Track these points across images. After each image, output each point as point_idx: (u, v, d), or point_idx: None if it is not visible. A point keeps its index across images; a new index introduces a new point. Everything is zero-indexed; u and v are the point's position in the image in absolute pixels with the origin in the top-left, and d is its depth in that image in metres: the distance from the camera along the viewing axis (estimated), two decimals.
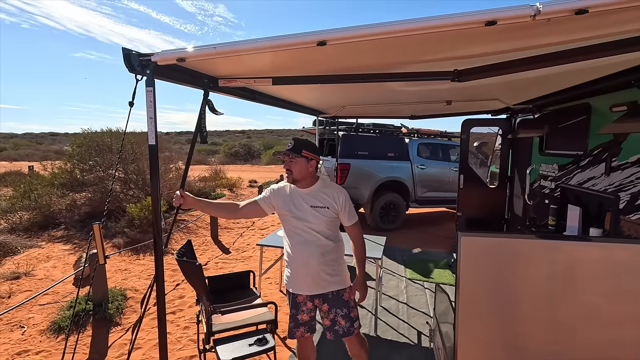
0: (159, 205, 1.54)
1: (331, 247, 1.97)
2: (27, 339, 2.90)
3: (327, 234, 1.95)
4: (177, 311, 3.43)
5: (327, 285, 1.97)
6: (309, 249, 1.91)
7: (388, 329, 3.21)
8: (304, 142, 1.89)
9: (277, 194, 2.01)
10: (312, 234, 1.91)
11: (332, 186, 2.00)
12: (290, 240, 1.98)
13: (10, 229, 6.29)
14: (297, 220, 1.91)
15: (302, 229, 1.91)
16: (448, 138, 7.66)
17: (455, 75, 1.54)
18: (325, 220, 1.92)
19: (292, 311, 2.06)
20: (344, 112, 4.55)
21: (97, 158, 6.74)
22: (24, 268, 4.13)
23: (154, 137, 1.36)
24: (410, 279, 4.36)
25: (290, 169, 1.88)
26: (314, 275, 1.94)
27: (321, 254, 1.92)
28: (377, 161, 6.59)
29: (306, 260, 1.92)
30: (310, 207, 1.90)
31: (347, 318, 2.01)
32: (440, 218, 7.91)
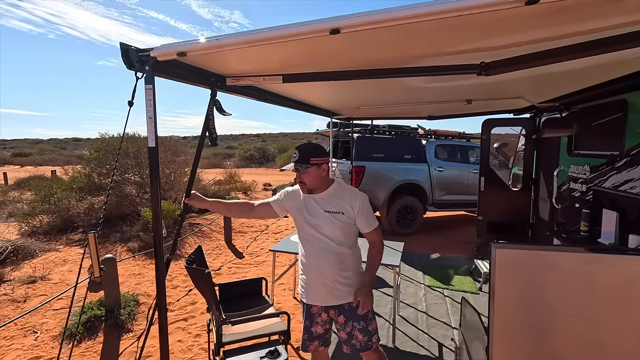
0: (160, 210, 1.45)
1: (347, 255, 1.85)
2: (39, 345, 2.87)
3: (341, 241, 1.82)
4: (188, 318, 3.36)
5: (343, 296, 1.85)
6: (323, 257, 1.79)
7: (407, 339, 3.05)
8: (309, 148, 1.79)
9: (290, 197, 1.92)
10: (326, 241, 1.79)
11: (348, 190, 1.87)
12: (304, 247, 1.87)
13: (30, 232, 6.41)
14: (310, 226, 1.81)
15: (316, 235, 1.80)
16: (467, 139, 7.42)
17: (482, 69, 1.40)
18: (341, 227, 1.79)
19: (306, 322, 1.94)
20: (359, 114, 4.42)
21: (112, 162, 6.81)
22: (40, 272, 4.16)
23: (154, 138, 1.28)
24: (429, 286, 4.17)
25: (302, 181, 1.78)
26: (329, 285, 1.82)
27: (336, 262, 1.80)
28: (393, 163, 6.41)
29: (321, 269, 1.81)
30: (324, 212, 1.79)
31: (365, 332, 1.87)
32: (459, 222, 7.65)
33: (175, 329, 3.16)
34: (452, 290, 4.04)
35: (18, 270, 4.35)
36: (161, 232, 1.51)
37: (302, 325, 1.96)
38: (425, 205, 6.58)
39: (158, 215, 1.43)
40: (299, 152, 1.75)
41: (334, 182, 1.88)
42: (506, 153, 7.20)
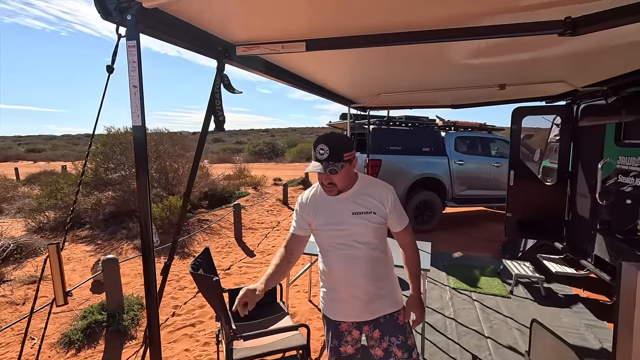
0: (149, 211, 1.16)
1: (381, 260, 1.57)
2: (35, 353, 2.65)
3: (375, 245, 1.54)
4: (197, 323, 3.11)
5: (379, 309, 1.56)
6: (356, 266, 1.50)
7: (436, 351, 2.75)
8: (339, 141, 1.42)
9: (307, 208, 1.59)
10: (358, 247, 1.50)
11: (376, 184, 1.58)
12: (328, 257, 1.57)
13: (37, 229, 6.27)
14: (337, 232, 1.51)
15: (345, 242, 1.50)
16: (488, 131, 7.01)
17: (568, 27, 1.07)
18: (373, 228, 1.50)
19: (334, 342, 1.65)
20: (378, 102, 4.09)
21: (119, 156, 6.61)
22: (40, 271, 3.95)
23: (140, 115, 0.98)
24: (455, 288, 3.86)
25: (332, 183, 1.44)
26: (363, 298, 1.53)
27: (370, 270, 1.52)
28: (410, 157, 6.07)
29: (353, 281, 1.52)
30: (352, 214, 1.50)
31: (404, 347, 1.58)
32: (479, 218, 7.28)
33: (182, 335, 2.91)
34: (480, 294, 3.72)
35: (20, 269, 4.16)
36: (152, 237, 1.22)
37: (328, 346, 1.66)
38: (444, 201, 6.23)
39: (147, 218, 1.15)
40: (329, 146, 1.38)
41: (358, 176, 1.58)
42: (531, 145, 6.78)
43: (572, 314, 3.33)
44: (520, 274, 3.76)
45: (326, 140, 1.40)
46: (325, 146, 1.39)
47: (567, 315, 3.30)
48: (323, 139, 1.41)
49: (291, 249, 1.60)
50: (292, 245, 1.60)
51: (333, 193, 1.47)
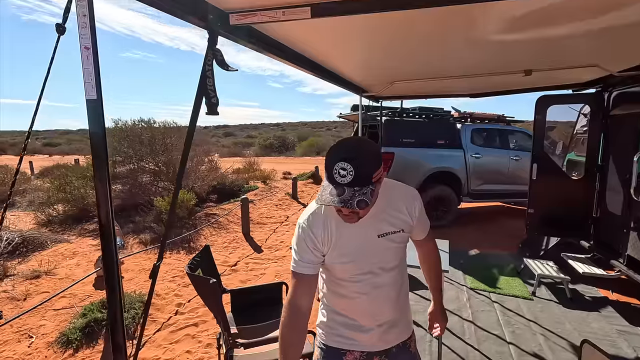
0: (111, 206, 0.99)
1: (404, 281, 1.33)
2: (32, 353, 2.55)
3: (401, 267, 1.29)
4: (200, 323, 2.97)
5: (394, 338, 1.32)
6: (381, 294, 1.23)
7: (455, 357, 2.54)
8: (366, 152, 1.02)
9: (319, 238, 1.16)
10: (386, 275, 1.22)
11: (401, 191, 1.25)
12: (347, 288, 1.24)
13: (46, 222, 6.26)
14: (360, 264, 1.20)
15: (368, 270, 1.21)
16: (506, 123, 6.69)
17: None
18: (401, 249, 1.25)
19: None
20: (391, 91, 3.85)
21: (127, 149, 6.53)
22: (46, 266, 3.88)
23: (95, 86, 0.79)
24: (472, 288, 3.63)
25: (355, 211, 1.05)
26: (384, 327, 1.28)
27: (395, 296, 1.27)
28: (425, 149, 5.81)
29: (376, 311, 1.26)
30: (377, 236, 1.18)
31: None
32: (496, 214, 6.98)
33: (184, 336, 2.78)
34: (500, 295, 3.48)
35: (25, 263, 4.11)
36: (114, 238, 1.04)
37: None
38: (460, 196, 5.97)
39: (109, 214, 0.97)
40: (354, 165, 0.97)
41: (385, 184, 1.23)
42: (552, 137, 6.45)
43: (601, 318, 3.07)
44: (544, 274, 3.51)
45: (349, 155, 0.97)
46: (348, 165, 0.96)
47: (596, 319, 3.06)
48: (344, 152, 0.98)
49: (301, 303, 1.13)
50: (302, 296, 1.14)
51: (353, 221, 1.09)
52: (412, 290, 3.55)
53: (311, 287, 1.18)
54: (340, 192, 0.98)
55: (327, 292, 1.32)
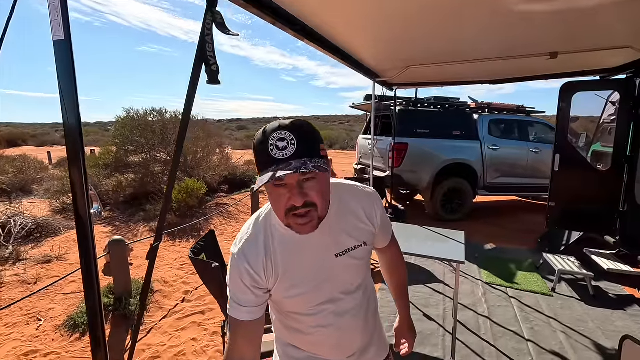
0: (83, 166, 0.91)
1: (371, 298, 1.12)
2: (39, 336, 2.55)
3: (366, 284, 1.07)
4: (207, 311, 2.93)
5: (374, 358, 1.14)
6: (348, 323, 1.02)
7: (469, 353, 2.42)
8: (307, 125, 0.82)
9: (262, 270, 0.90)
10: (350, 298, 1.00)
11: (355, 194, 1.01)
12: (302, 322, 1.01)
13: (61, 209, 6.35)
14: (316, 294, 0.96)
15: (330, 299, 0.98)
16: (527, 114, 6.42)
17: None
18: (364, 265, 1.04)
19: None
20: (406, 77, 3.70)
21: (138, 138, 6.54)
22: (57, 251, 3.91)
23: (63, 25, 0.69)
24: (489, 283, 3.49)
25: (310, 202, 0.80)
26: (355, 356, 1.09)
27: (363, 318, 1.06)
28: (440, 140, 5.63)
29: (345, 343, 1.05)
30: (335, 256, 0.95)
31: None
32: (512, 209, 6.75)
33: (190, 323, 2.74)
34: (518, 290, 3.33)
35: (38, 249, 4.15)
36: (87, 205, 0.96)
37: None
38: (475, 189, 5.77)
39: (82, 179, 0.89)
40: (296, 134, 0.77)
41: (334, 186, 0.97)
42: (574, 129, 6.17)
43: (627, 317, 2.90)
44: (565, 270, 3.34)
45: (283, 124, 0.78)
46: (286, 133, 0.76)
47: (621, 318, 2.88)
48: (277, 126, 0.78)
49: (244, 357, 0.89)
50: (244, 348, 0.90)
51: (311, 225, 0.82)
52: (425, 283, 3.43)
53: (255, 336, 0.92)
54: (285, 165, 0.73)
55: (279, 325, 1.06)
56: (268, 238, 0.91)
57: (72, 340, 2.50)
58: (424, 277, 3.58)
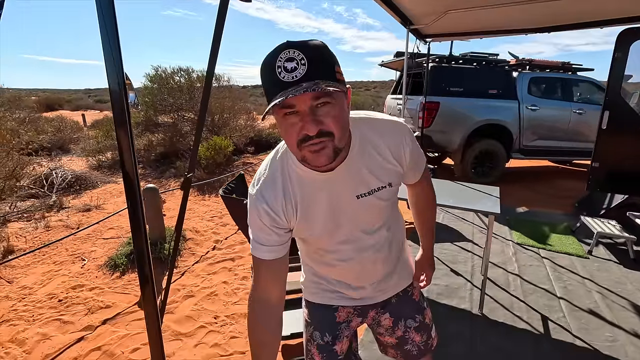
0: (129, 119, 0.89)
1: (397, 228, 1.09)
2: (84, 273, 2.74)
3: (390, 221, 1.03)
4: (236, 258, 3.03)
5: (392, 287, 1.14)
6: (370, 257, 1.02)
7: (497, 307, 2.40)
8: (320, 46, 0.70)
9: (282, 209, 0.87)
10: (371, 237, 0.99)
11: (382, 130, 0.90)
12: (326, 258, 1.03)
13: (97, 166, 6.65)
14: (335, 233, 0.94)
15: (348, 239, 0.97)
16: (572, 71, 5.93)
17: None
18: (391, 204, 0.99)
19: (325, 338, 1.09)
20: (443, 25, 3.44)
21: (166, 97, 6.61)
22: (96, 202, 4.12)
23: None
24: (520, 243, 3.39)
25: (325, 131, 0.71)
26: (377, 281, 1.10)
27: (387, 251, 1.05)
28: (474, 100, 5.33)
29: (366, 274, 1.07)
30: (356, 197, 0.90)
31: (423, 328, 1.18)
32: (546, 174, 6.44)
33: (221, 268, 2.85)
34: (551, 252, 3.22)
35: (78, 199, 4.39)
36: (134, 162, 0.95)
37: (312, 341, 1.11)
38: (509, 152, 5.50)
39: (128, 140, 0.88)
40: (307, 55, 0.66)
41: (355, 122, 0.87)
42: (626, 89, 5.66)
43: None
44: (604, 233, 3.18)
45: (292, 43, 0.67)
46: (297, 52, 0.66)
47: None
48: (290, 44, 0.67)
49: (270, 295, 0.90)
50: (269, 286, 0.90)
51: (326, 156, 0.73)
52: (453, 242, 3.38)
53: (278, 274, 0.91)
54: (293, 89, 0.64)
55: (305, 256, 1.10)
56: (286, 179, 0.87)
57: (113, 278, 2.67)
58: (452, 236, 3.53)
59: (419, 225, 1.24)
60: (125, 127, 0.91)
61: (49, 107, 24.04)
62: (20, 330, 2.09)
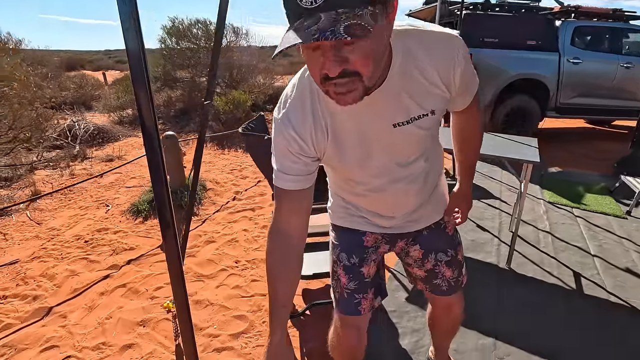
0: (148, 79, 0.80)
1: (436, 162, 1.01)
2: (108, 218, 2.79)
3: (430, 151, 0.93)
4: (256, 208, 3.01)
5: (424, 218, 1.05)
6: (403, 188, 0.93)
7: (526, 262, 2.30)
8: None
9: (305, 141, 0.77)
10: (406, 170, 0.90)
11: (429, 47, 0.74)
12: (356, 189, 0.96)
13: (118, 122, 6.70)
14: (367, 165, 0.86)
15: (382, 171, 0.88)
16: (624, 20, 5.33)
17: None
18: (431, 134, 0.87)
19: (352, 260, 1.04)
20: None
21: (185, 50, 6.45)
22: (118, 153, 4.16)
23: None
24: (552, 202, 3.21)
25: (351, 69, 0.57)
26: (407, 213, 1.01)
27: (422, 183, 0.96)
28: (509, 51, 4.90)
29: (398, 205, 0.99)
30: (393, 126, 0.78)
31: (455, 263, 1.10)
32: (582, 135, 6.03)
33: (241, 217, 2.84)
34: (585, 211, 3.04)
35: (100, 150, 4.44)
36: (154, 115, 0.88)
37: (338, 263, 1.06)
38: (544, 110, 5.13)
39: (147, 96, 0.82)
40: None
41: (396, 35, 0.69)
42: None
43: None
44: None
45: None
46: None
47: None
48: None
49: (290, 227, 0.81)
50: (291, 217, 0.81)
51: (352, 97, 0.61)
52: (480, 198, 3.23)
53: (301, 206, 0.82)
54: (312, 22, 0.51)
55: (333, 183, 1.04)
56: (315, 101, 0.76)
57: (136, 223, 2.71)
58: (479, 193, 3.38)
59: (461, 157, 1.11)
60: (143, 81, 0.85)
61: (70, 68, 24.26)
62: (50, 267, 2.16)
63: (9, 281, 2.05)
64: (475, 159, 1.11)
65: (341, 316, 1.09)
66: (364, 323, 1.10)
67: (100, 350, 1.58)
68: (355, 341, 1.10)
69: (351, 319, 1.07)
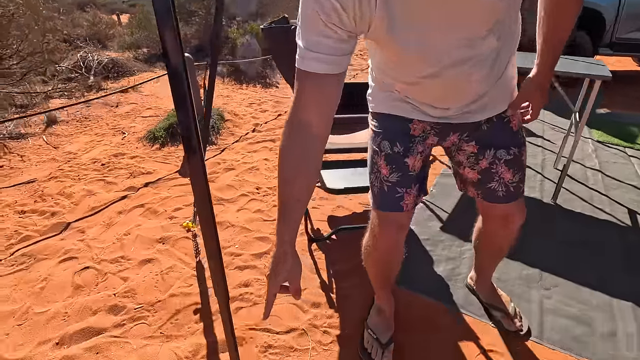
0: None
1: (510, 41, 0.79)
2: (125, 144, 2.69)
3: (506, 26, 0.74)
4: (276, 140, 2.83)
5: (485, 108, 0.86)
6: (465, 70, 0.74)
7: (574, 198, 2.09)
8: None
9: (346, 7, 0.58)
10: (472, 49, 0.71)
11: None
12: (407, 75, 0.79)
13: (133, 58, 6.47)
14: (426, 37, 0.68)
15: (446, 47, 0.70)
16: None
17: None
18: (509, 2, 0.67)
19: (396, 148, 0.89)
20: None
21: None
22: (133, 83, 3.99)
23: None
24: (601, 141, 2.91)
25: None
26: (468, 99, 0.83)
27: (489, 68, 0.77)
28: None
29: (456, 89, 0.80)
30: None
31: (518, 165, 0.91)
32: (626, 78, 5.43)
33: (261, 147, 2.69)
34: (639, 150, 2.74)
35: (115, 83, 4.29)
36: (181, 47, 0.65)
37: (379, 152, 0.91)
38: (597, 45, 4.57)
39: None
40: None
41: None
42: None
43: None
44: None
45: None
46: None
47: None
48: None
49: (311, 117, 0.66)
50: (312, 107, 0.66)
51: None
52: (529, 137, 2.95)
53: (329, 95, 0.66)
54: None
55: (376, 66, 0.87)
56: None
57: (153, 149, 2.61)
58: None
59: (546, 27, 0.84)
60: None
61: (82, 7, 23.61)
62: (67, 186, 2.09)
63: (27, 198, 2.00)
64: (565, 34, 0.86)
65: (380, 213, 0.94)
66: (406, 221, 0.95)
67: (119, 263, 1.52)
68: (393, 242, 0.96)
69: (392, 215, 0.92)
